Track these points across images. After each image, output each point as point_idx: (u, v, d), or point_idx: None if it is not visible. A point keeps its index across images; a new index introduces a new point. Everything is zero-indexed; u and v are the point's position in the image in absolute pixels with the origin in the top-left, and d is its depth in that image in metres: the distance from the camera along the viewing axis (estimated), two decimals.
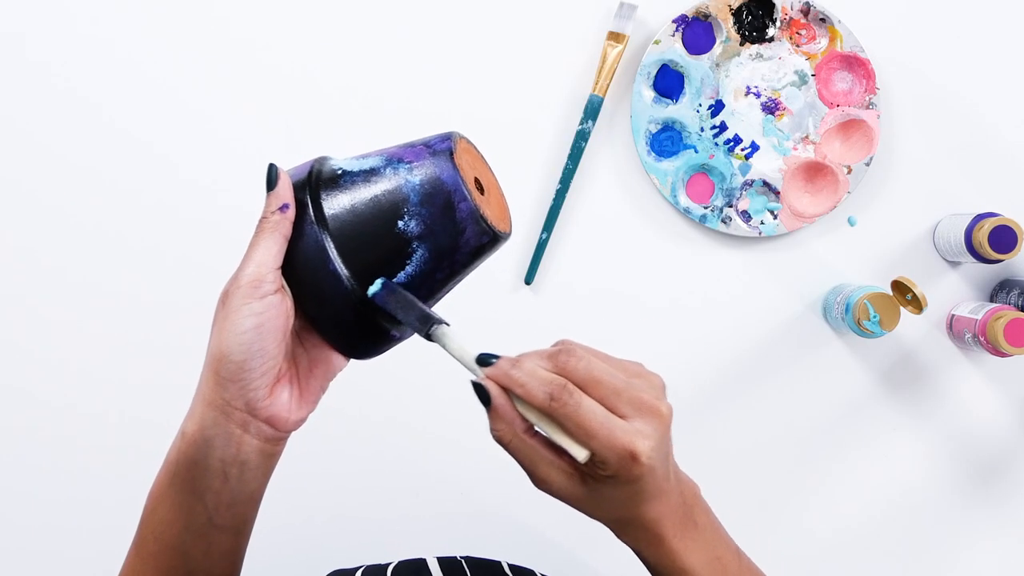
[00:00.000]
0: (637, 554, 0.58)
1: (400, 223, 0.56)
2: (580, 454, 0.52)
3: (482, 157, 0.61)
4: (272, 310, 0.54)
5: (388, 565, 0.80)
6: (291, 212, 0.55)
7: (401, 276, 0.56)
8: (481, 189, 0.58)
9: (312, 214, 0.56)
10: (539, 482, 0.55)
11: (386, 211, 0.56)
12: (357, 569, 0.79)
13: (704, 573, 0.57)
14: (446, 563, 0.79)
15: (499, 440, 0.54)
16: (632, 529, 0.56)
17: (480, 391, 0.54)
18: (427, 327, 0.55)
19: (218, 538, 0.57)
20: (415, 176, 0.56)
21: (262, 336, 0.54)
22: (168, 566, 0.56)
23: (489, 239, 0.57)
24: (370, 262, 0.56)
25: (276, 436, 0.56)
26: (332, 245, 0.55)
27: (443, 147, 0.57)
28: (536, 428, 0.54)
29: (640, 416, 0.52)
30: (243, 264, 0.55)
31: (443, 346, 0.55)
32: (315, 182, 0.57)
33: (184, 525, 0.56)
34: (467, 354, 0.55)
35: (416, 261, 0.57)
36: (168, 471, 0.57)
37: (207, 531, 0.56)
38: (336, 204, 0.56)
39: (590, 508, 0.56)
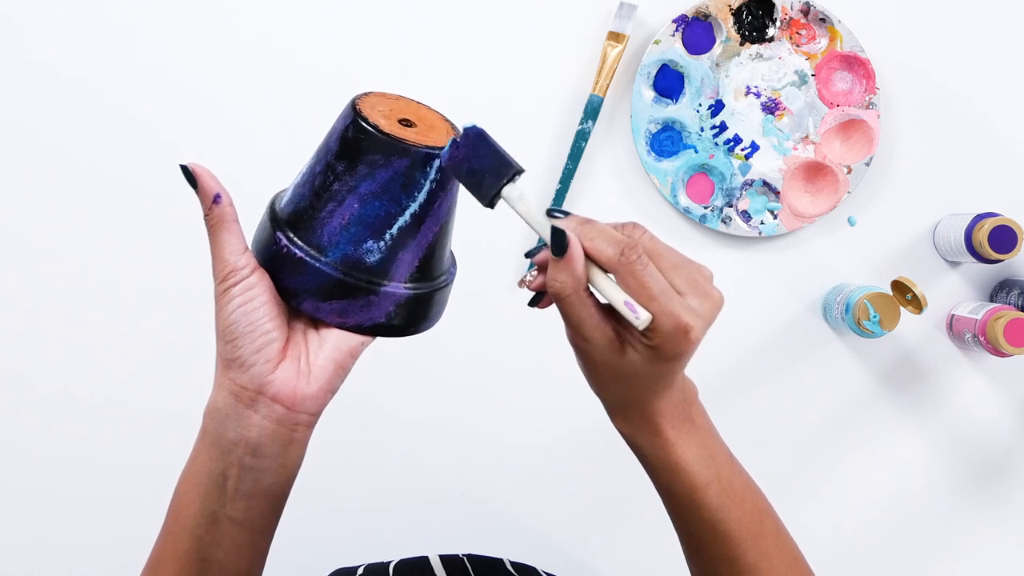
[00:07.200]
0: (631, 442, 0.58)
1: (334, 185, 0.56)
2: (643, 315, 0.51)
3: (402, 97, 0.60)
4: (253, 289, 0.55)
5: (390, 563, 0.80)
6: (226, 197, 0.56)
7: (387, 238, 0.56)
8: (410, 124, 0.57)
9: (280, 240, 0.57)
10: (581, 340, 0.54)
11: (323, 180, 0.57)
12: (359, 567, 0.79)
13: (697, 469, 0.57)
14: (448, 561, 0.79)
15: (558, 292, 0.53)
16: (633, 415, 0.57)
17: (558, 236, 0.52)
18: (511, 173, 0.54)
19: (230, 530, 0.56)
20: (334, 143, 0.57)
21: (248, 314, 0.55)
22: (183, 548, 0.56)
23: (430, 157, 0.56)
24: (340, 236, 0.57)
25: (289, 418, 0.56)
26: (300, 245, 0.56)
27: (347, 106, 0.57)
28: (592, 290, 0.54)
29: (696, 295, 0.53)
30: (213, 264, 0.56)
31: (512, 202, 0.54)
32: (275, 214, 0.58)
33: (199, 507, 0.56)
34: (534, 208, 0.54)
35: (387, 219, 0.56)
36: (193, 452, 0.58)
37: (219, 520, 0.56)
38: (290, 207, 0.58)
39: (610, 381, 0.56)
